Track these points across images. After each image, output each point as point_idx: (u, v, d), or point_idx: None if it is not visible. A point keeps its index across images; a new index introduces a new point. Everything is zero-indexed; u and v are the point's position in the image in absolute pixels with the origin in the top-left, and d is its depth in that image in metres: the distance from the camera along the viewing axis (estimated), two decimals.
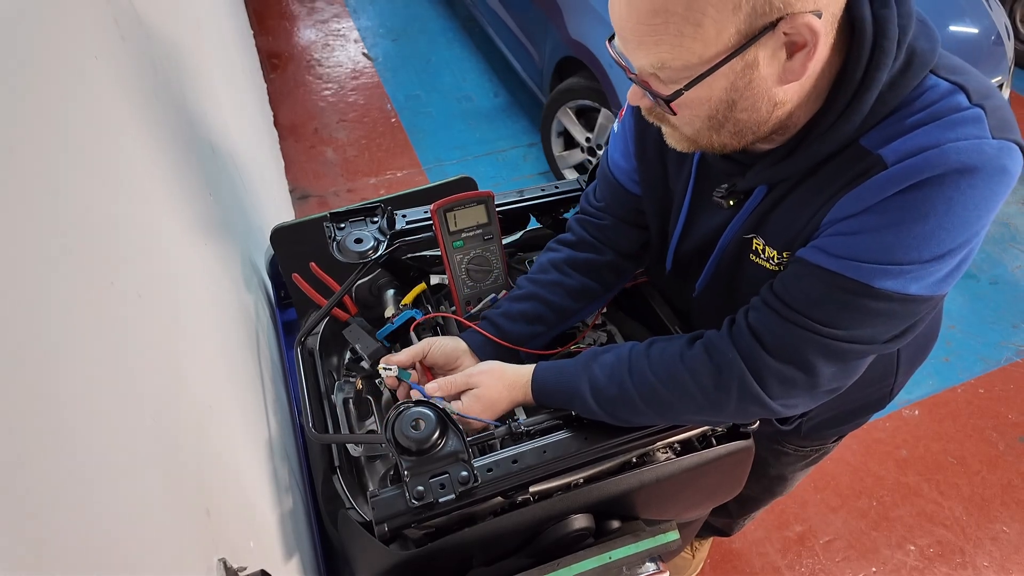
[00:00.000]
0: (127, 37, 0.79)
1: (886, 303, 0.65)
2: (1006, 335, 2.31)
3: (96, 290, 0.48)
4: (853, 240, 0.65)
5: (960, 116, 0.61)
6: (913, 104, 0.63)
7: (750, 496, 1.35)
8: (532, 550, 0.83)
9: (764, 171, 0.72)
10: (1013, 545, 1.82)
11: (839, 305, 0.67)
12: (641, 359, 0.79)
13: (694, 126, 0.68)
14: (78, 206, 0.49)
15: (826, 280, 0.67)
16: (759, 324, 0.72)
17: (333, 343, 1.02)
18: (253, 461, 0.80)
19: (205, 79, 1.35)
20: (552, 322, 0.93)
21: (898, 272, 0.64)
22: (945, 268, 0.64)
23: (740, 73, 0.60)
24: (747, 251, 0.79)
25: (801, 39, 0.58)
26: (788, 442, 1.09)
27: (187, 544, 0.52)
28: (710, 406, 0.75)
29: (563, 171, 2.69)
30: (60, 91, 0.52)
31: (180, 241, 0.77)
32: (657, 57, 0.61)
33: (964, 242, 0.63)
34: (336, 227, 0.97)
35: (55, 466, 0.35)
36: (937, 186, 0.60)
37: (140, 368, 0.53)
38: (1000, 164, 0.60)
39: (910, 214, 0.62)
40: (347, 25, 3.75)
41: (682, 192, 0.84)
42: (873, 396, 0.99)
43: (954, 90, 0.63)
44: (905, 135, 0.62)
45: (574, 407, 0.82)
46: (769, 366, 0.71)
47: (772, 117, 0.66)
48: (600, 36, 2.20)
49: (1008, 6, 3.51)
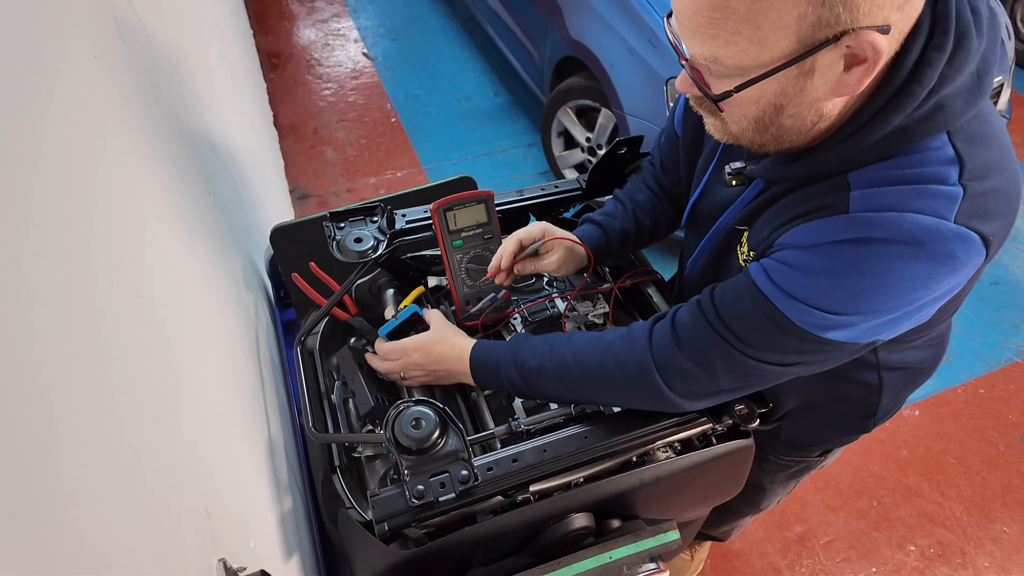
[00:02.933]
0: (127, 37, 0.79)
1: (803, 342, 0.67)
2: (1006, 335, 2.30)
3: (96, 290, 0.48)
4: (792, 273, 0.66)
5: (936, 189, 0.60)
6: (910, 158, 0.62)
7: (726, 505, 1.34)
8: (532, 549, 0.83)
9: (769, 167, 0.72)
10: (1013, 545, 1.82)
11: (760, 328, 0.68)
12: (565, 338, 0.84)
13: (740, 125, 0.68)
14: (78, 206, 0.49)
15: (757, 300, 0.68)
16: (683, 320, 0.75)
17: (333, 343, 1.02)
18: (253, 461, 0.80)
19: (205, 79, 1.35)
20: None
21: (821, 318, 0.64)
22: (872, 322, 0.65)
23: (793, 81, 0.59)
24: (735, 241, 0.80)
25: (863, 54, 0.56)
26: (770, 448, 1.09)
27: (187, 544, 0.52)
28: (612, 386, 0.79)
29: (563, 171, 2.69)
30: (60, 91, 0.52)
31: (179, 240, 0.77)
32: (711, 51, 0.59)
33: (894, 308, 0.63)
34: (336, 227, 0.97)
35: (55, 466, 0.35)
36: (883, 249, 0.61)
37: (140, 368, 0.53)
38: (948, 250, 0.60)
39: (849, 266, 0.62)
40: (347, 25, 3.75)
41: (710, 155, 0.87)
42: (855, 413, 0.98)
43: (952, 161, 0.61)
44: (879, 187, 0.62)
45: (500, 378, 0.85)
46: (676, 360, 0.74)
47: (815, 128, 0.65)
48: (600, 36, 2.20)
49: (1008, 6, 3.51)
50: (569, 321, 1.02)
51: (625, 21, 2.10)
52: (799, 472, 1.15)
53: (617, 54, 2.14)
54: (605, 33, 2.17)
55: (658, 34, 2.00)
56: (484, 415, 0.93)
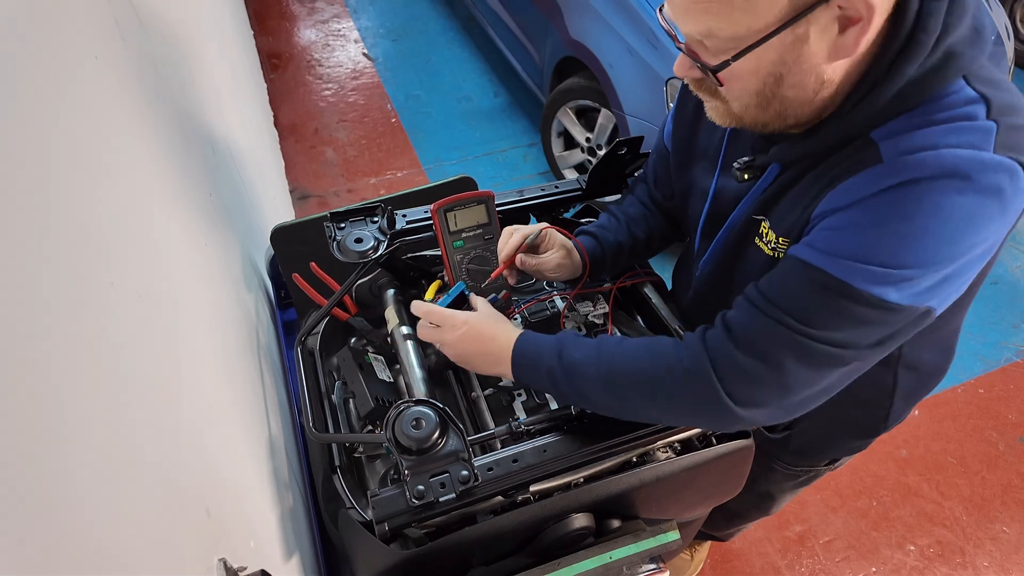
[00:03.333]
0: (127, 37, 0.79)
1: (863, 307, 0.62)
2: (1006, 335, 2.31)
3: (96, 290, 0.48)
4: (837, 235, 0.63)
5: (969, 125, 0.59)
6: (932, 105, 0.61)
7: (735, 510, 1.33)
8: (532, 549, 0.83)
9: (781, 149, 0.71)
10: (1013, 545, 1.82)
11: (816, 302, 0.64)
12: (615, 339, 0.78)
13: (743, 101, 0.67)
14: (78, 206, 0.49)
15: (807, 275, 0.64)
16: (733, 318, 0.70)
17: (333, 343, 1.02)
18: (253, 461, 0.80)
19: (205, 79, 1.35)
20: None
21: (879, 274, 0.61)
22: (928, 280, 0.62)
23: (790, 47, 0.59)
24: (753, 232, 0.78)
25: (856, 13, 0.55)
26: (778, 458, 1.08)
27: (187, 544, 0.52)
28: (663, 393, 0.72)
29: (563, 171, 2.69)
30: (61, 91, 0.52)
31: (180, 241, 0.77)
32: (704, 25, 0.59)
33: (949, 256, 0.60)
34: (336, 227, 0.97)
35: (55, 466, 0.35)
36: (927, 188, 0.58)
37: (140, 368, 0.53)
38: (994, 182, 0.58)
39: (896, 213, 0.60)
40: (347, 25, 3.75)
41: (714, 158, 0.85)
42: (866, 420, 0.97)
43: (976, 100, 0.60)
44: (908, 133, 0.61)
45: (540, 369, 0.78)
46: (735, 360, 0.68)
47: (817, 97, 0.64)
48: (600, 36, 2.20)
49: (1008, 6, 3.51)
50: (569, 321, 1.03)
51: (625, 21, 2.10)
52: (808, 480, 1.15)
53: (617, 54, 2.15)
54: (605, 33, 2.18)
55: (658, 34, 2.00)
56: (484, 415, 0.93)
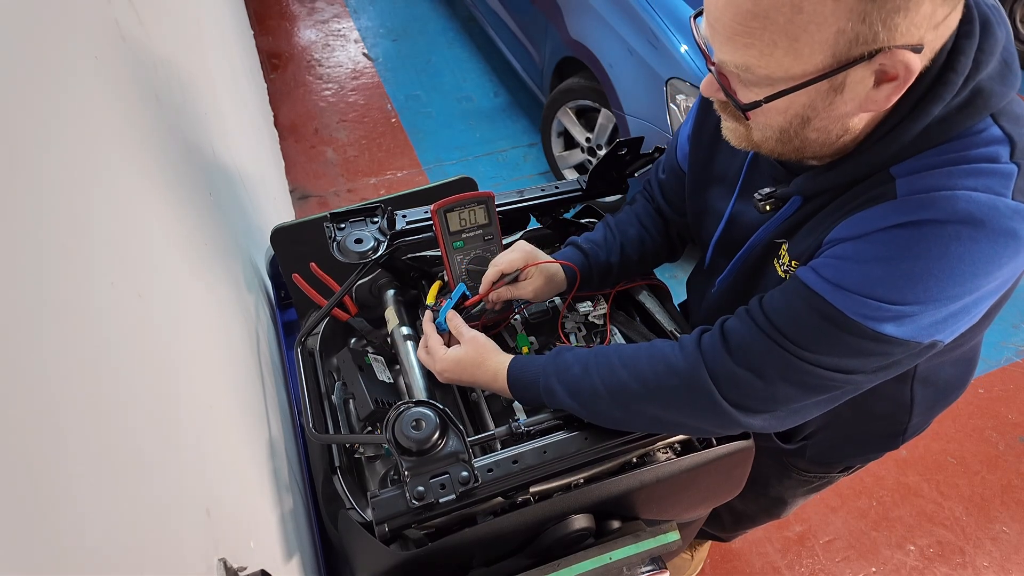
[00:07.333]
0: (127, 37, 0.79)
1: (859, 338, 0.63)
2: (1006, 335, 2.30)
3: (96, 290, 0.48)
4: (842, 265, 0.63)
5: (989, 167, 0.58)
6: (955, 143, 0.60)
7: (745, 513, 1.33)
8: (532, 550, 0.83)
9: (803, 182, 0.70)
10: (1013, 545, 1.82)
11: (814, 327, 0.65)
12: (610, 349, 0.79)
13: (764, 134, 0.66)
14: (78, 206, 0.49)
15: (807, 299, 0.65)
16: (731, 328, 0.72)
17: (333, 343, 1.02)
18: (253, 461, 0.80)
19: (205, 79, 1.35)
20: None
21: (878, 309, 0.61)
22: (931, 316, 0.61)
23: (823, 94, 0.58)
24: (772, 254, 0.78)
25: (894, 72, 0.55)
26: (793, 465, 1.08)
27: (187, 544, 0.52)
28: (663, 396, 0.74)
29: (563, 171, 2.69)
30: (60, 91, 0.52)
31: (180, 241, 0.77)
32: (744, 59, 0.58)
33: (954, 296, 0.60)
34: (336, 227, 0.97)
35: (55, 466, 0.35)
36: (937, 231, 0.57)
37: (140, 368, 0.53)
38: (1009, 227, 0.56)
39: (903, 251, 0.59)
40: (347, 25, 3.75)
41: (732, 182, 0.84)
42: (883, 431, 0.97)
43: (1002, 140, 0.59)
44: (926, 171, 0.60)
45: (538, 389, 0.80)
46: (728, 367, 0.70)
47: (839, 142, 0.64)
48: (600, 36, 2.20)
49: (1008, 6, 3.51)
50: (568, 321, 1.03)
51: (625, 21, 2.10)
52: (821, 486, 1.15)
53: (617, 54, 2.15)
54: (605, 33, 2.17)
55: (658, 34, 2.00)
56: (484, 416, 0.93)
